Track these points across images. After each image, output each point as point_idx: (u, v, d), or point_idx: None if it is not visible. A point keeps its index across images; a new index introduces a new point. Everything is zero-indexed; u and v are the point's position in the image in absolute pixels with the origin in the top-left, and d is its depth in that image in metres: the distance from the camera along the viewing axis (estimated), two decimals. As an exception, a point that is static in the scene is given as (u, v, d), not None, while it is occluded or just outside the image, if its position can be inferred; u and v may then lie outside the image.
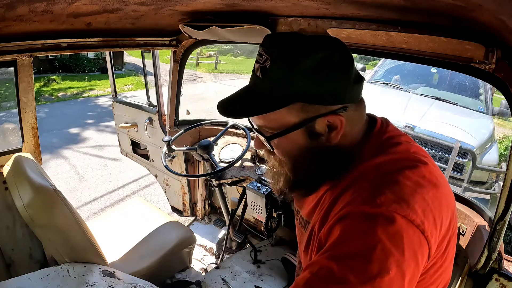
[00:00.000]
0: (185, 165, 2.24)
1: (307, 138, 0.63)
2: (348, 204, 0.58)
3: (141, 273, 1.49)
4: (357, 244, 0.51)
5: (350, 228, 0.54)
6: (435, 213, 0.56)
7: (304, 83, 0.58)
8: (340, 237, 0.54)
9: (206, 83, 11.50)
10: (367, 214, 0.54)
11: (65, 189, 3.55)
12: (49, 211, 1.12)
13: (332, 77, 0.59)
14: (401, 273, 0.50)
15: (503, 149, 4.23)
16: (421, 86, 4.51)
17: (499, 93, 1.45)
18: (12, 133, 1.62)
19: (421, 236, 0.53)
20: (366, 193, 0.57)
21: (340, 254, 0.52)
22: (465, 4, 0.66)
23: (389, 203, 0.53)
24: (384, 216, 0.52)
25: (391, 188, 0.56)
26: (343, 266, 0.50)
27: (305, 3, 0.97)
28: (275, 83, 0.59)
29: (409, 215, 0.53)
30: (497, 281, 1.03)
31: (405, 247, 0.51)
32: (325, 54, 0.58)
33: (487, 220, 1.19)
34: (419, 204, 0.55)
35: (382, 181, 0.58)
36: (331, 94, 0.59)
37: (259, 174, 1.77)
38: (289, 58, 0.58)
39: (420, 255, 0.53)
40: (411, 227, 0.52)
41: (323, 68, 0.58)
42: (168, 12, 1.32)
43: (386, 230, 0.51)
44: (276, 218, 1.60)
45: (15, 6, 0.95)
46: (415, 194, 0.56)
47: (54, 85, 9.15)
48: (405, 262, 0.50)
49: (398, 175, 0.58)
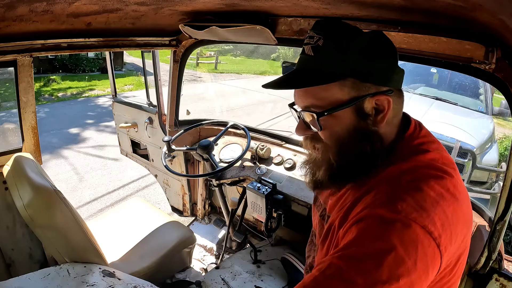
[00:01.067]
0: (185, 165, 2.24)
1: (356, 117, 0.62)
2: (368, 206, 0.58)
3: (141, 273, 1.49)
4: (370, 247, 0.50)
5: (366, 230, 0.54)
6: (453, 228, 0.55)
7: (357, 58, 0.60)
8: (354, 239, 0.53)
9: (206, 83, 11.49)
10: (384, 218, 0.53)
11: (65, 189, 3.55)
12: (49, 211, 1.12)
13: (383, 55, 0.62)
14: (410, 283, 0.49)
15: (503, 149, 4.23)
16: (421, 86, 4.52)
17: (499, 93, 1.45)
18: (12, 133, 1.62)
19: (436, 249, 0.52)
20: (386, 197, 0.57)
21: (351, 255, 0.51)
22: (465, 4, 0.66)
23: (410, 211, 0.52)
24: (402, 223, 0.51)
25: (413, 196, 0.55)
26: (352, 267, 0.49)
27: (305, 3, 0.97)
28: (329, 59, 0.60)
29: (427, 226, 0.52)
30: (497, 281, 1.03)
31: (419, 257, 0.50)
32: (375, 34, 0.62)
33: (487, 220, 1.19)
34: (439, 217, 0.54)
35: (406, 187, 0.57)
36: (381, 72, 0.62)
37: (259, 174, 1.77)
38: (343, 36, 0.60)
39: (431, 268, 0.52)
40: (428, 238, 0.51)
41: (375, 46, 0.61)
42: (168, 12, 1.32)
43: (402, 238, 0.50)
44: (276, 218, 1.60)
45: (15, 6, 0.95)
46: (437, 206, 0.54)
47: (54, 85, 9.15)
48: (415, 272, 0.49)
49: (423, 184, 0.57)
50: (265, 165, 1.85)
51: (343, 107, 0.61)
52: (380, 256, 0.49)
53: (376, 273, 0.48)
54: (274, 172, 1.78)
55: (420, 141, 0.65)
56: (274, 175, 1.76)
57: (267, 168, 1.82)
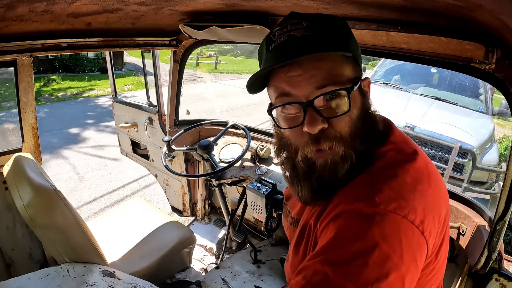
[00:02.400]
0: (185, 165, 2.24)
1: (362, 98, 0.60)
2: (344, 200, 0.55)
3: (141, 273, 1.49)
4: (352, 248, 0.48)
5: (345, 228, 0.51)
6: (435, 210, 0.54)
7: (349, 38, 0.59)
8: (334, 239, 0.51)
9: (206, 83, 11.49)
10: (363, 213, 0.51)
11: (65, 189, 3.55)
12: (49, 211, 1.12)
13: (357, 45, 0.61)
14: (400, 277, 0.47)
15: (503, 149, 4.23)
16: (421, 86, 4.51)
17: (499, 93, 1.45)
18: (12, 133, 1.62)
19: (420, 236, 0.50)
20: (362, 189, 0.54)
21: (335, 258, 0.49)
22: (465, 4, 0.66)
23: (388, 202, 0.50)
24: (382, 216, 0.49)
25: (389, 184, 0.53)
26: (339, 272, 0.47)
27: (305, 3, 0.96)
28: (330, 36, 0.56)
29: (408, 214, 0.50)
30: (497, 281, 1.03)
31: (404, 249, 0.48)
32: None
33: (487, 220, 1.19)
34: (419, 202, 0.52)
35: (380, 175, 0.55)
36: (360, 58, 0.62)
37: (259, 174, 1.77)
38: (326, 20, 0.59)
39: (419, 256, 0.51)
40: (410, 228, 0.50)
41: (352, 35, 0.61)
42: (168, 12, 1.32)
43: (384, 232, 0.48)
44: (276, 218, 1.60)
45: (15, 6, 0.95)
46: (415, 191, 0.53)
47: (54, 85, 9.15)
48: (404, 265, 0.48)
49: (397, 169, 0.55)
50: (265, 165, 1.85)
51: (357, 83, 0.57)
52: (365, 255, 0.47)
53: (364, 274, 0.46)
54: (274, 172, 1.78)
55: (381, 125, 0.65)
56: (274, 175, 1.76)
57: (267, 168, 1.82)
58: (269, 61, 0.58)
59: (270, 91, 0.62)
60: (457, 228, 1.26)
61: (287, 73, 0.56)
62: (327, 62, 0.55)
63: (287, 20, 0.59)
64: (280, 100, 0.59)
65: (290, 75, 0.56)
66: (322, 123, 0.55)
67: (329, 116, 0.56)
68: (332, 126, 0.57)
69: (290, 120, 0.59)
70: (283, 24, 0.58)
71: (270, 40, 0.59)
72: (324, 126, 0.56)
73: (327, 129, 0.56)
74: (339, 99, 0.56)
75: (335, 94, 0.56)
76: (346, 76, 0.57)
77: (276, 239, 1.77)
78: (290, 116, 0.59)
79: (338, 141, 0.57)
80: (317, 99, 0.55)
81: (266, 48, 0.60)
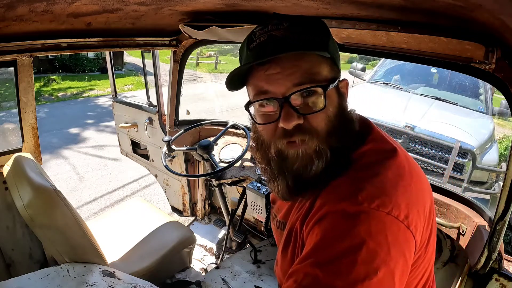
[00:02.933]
0: (185, 165, 2.24)
1: (338, 97, 0.61)
2: (328, 201, 0.56)
3: (141, 273, 1.49)
4: (339, 247, 0.49)
5: (331, 228, 0.52)
6: (419, 205, 0.54)
7: (328, 39, 0.60)
8: (321, 240, 0.51)
9: (206, 83, 11.49)
10: (347, 212, 0.51)
11: (65, 189, 3.55)
12: (49, 211, 1.12)
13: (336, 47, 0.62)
14: (390, 272, 0.48)
15: (503, 149, 4.22)
16: (421, 86, 4.51)
17: (499, 93, 1.45)
18: (12, 133, 1.62)
19: (406, 231, 0.51)
20: (344, 189, 0.55)
21: (323, 259, 0.49)
22: (465, 4, 0.66)
23: (371, 199, 0.51)
24: (366, 214, 0.50)
25: (372, 182, 0.53)
26: (328, 272, 0.47)
27: (305, 3, 0.96)
28: (309, 36, 0.58)
29: (392, 210, 0.50)
30: (497, 281, 1.03)
31: (391, 245, 0.49)
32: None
33: (487, 220, 1.19)
34: (402, 197, 0.53)
35: (362, 174, 0.56)
36: (339, 59, 0.63)
37: (259, 174, 1.77)
38: (306, 21, 0.60)
39: (407, 251, 0.51)
40: (396, 223, 0.50)
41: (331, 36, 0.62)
42: (168, 12, 1.32)
43: (369, 229, 0.49)
44: (276, 218, 1.60)
45: (15, 6, 0.95)
46: (398, 186, 0.54)
47: (54, 85, 9.15)
48: (392, 260, 0.48)
49: (378, 166, 0.56)
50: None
51: (334, 83, 0.59)
52: (352, 253, 0.47)
53: (353, 272, 0.46)
54: (274, 172, 1.78)
55: (359, 125, 0.65)
56: (274, 175, 1.75)
57: (267, 168, 1.82)
58: (249, 59, 0.59)
59: (249, 89, 0.63)
60: (457, 228, 1.26)
61: (266, 71, 0.57)
62: (305, 61, 0.57)
63: (268, 21, 0.60)
64: (257, 97, 0.60)
65: (269, 73, 0.57)
66: (298, 119, 0.57)
67: (305, 113, 0.57)
68: (308, 122, 0.58)
69: (266, 117, 0.60)
70: (264, 24, 0.60)
71: (251, 40, 0.60)
72: (300, 122, 0.57)
73: (302, 124, 0.57)
74: (315, 96, 0.57)
75: (311, 91, 0.57)
76: (324, 76, 0.58)
77: (276, 239, 1.77)
78: (266, 114, 0.60)
79: (311, 135, 0.58)
80: (293, 96, 0.56)
81: (246, 47, 0.61)
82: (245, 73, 0.61)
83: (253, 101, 0.61)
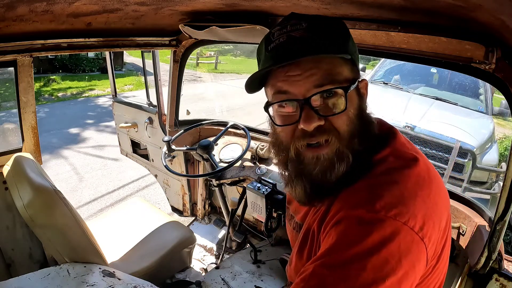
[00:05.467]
0: (185, 165, 2.24)
1: (359, 99, 0.60)
2: (345, 206, 0.56)
3: (141, 273, 1.49)
4: (351, 252, 0.49)
5: (345, 233, 0.52)
6: (435, 215, 0.54)
7: (348, 41, 0.59)
8: (335, 243, 0.52)
9: (206, 83, 11.49)
10: (363, 219, 0.51)
11: (65, 189, 3.55)
12: (49, 211, 1.12)
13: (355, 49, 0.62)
14: (398, 282, 0.48)
15: (503, 149, 4.23)
16: (421, 86, 4.51)
17: (499, 93, 1.45)
18: (12, 133, 1.62)
19: (420, 243, 0.51)
20: (362, 195, 0.55)
21: (334, 262, 0.49)
22: (465, 4, 0.66)
23: (388, 208, 0.51)
24: (382, 222, 0.50)
25: (390, 190, 0.53)
26: (336, 275, 0.48)
27: (305, 3, 0.97)
28: (330, 39, 0.57)
29: (408, 221, 0.50)
30: (497, 281, 1.03)
31: (402, 255, 0.49)
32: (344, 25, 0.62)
33: (487, 220, 1.19)
34: (419, 208, 0.52)
35: (381, 180, 0.55)
36: (358, 59, 0.63)
37: (259, 174, 1.77)
38: (327, 22, 0.59)
39: (417, 262, 0.51)
40: (410, 234, 0.50)
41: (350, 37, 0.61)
42: (168, 12, 1.32)
43: (383, 237, 0.49)
44: (276, 218, 1.60)
45: (15, 6, 0.95)
46: (416, 197, 0.53)
47: (54, 85, 9.15)
48: (401, 270, 0.48)
49: (397, 175, 0.55)
50: (265, 165, 1.85)
51: (354, 84, 0.58)
52: (363, 259, 0.48)
53: (361, 277, 0.46)
54: (274, 172, 1.78)
55: (379, 128, 0.65)
56: (274, 175, 1.76)
57: (267, 168, 1.82)
58: (268, 61, 0.58)
59: (267, 89, 0.62)
60: (457, 228, 1.26)
61: (286, 72, 0.57)
62: (326, 62, 0.56)
63: (286, 21, 0.59)
64: (277, 97, 0.59)
65: (289, 74, 0.56)
66: (318, 120, 0.56)
67: (326, 114, 0.56)
68: (329, 123, 0.57)
69: (286, 118, 0.60)
70: (283, 24, 0.59)
71: (269, 40, 0.59)
72: (321, 123, 0.56)
73: (324, 125, 0.57)
74: (336, 98, 0.56)
75: (331, 92, 0.56)
76: (344, 76, 0.57)
77: (276, 239, 1.77)
78: (286, 115, 0.60)
79: (335, 136, 0.57)
80: (313, 97, 0.56)
81: (265, 48, 0.60)
82: (264, 74, 0.61)
83: (272, 102, 0.60)
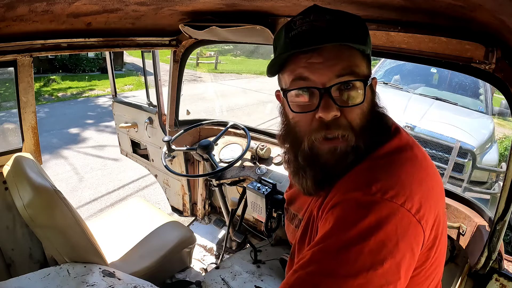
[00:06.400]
0: (185, 165, 2.24)
1: (372, 94, 0.62)
2: (342, 190, 0.56)
3: (141, 273, 1.49)
4: (348, 235, 0.48)
5: (342, 216, 0.52)
6: (431, 200, 0.54)
7: (369, 40, 0.60)
8: (332, 227, 0.51)
9: (206, 83, 11.49)
10: (360, 201, 0.51)
11: (65, 189, 3.55)
12: (49, 211, 1.12)
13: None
14: (396, 265, 0.47)
15: (503, 149, 4.22)
16: (421, 86, 4.51)
17: (499, 93, 1.45)
18: (12, 133, 1.62)
19: (417, 225, 0.51)
20: (360, 178, 0.55)
21: (331, 246, 0.49)
22: (465, 4, 0.66)
23: (385, 190, 0.51)
24: (379, 204, 0.50)
25: (388, 172, 0.53)
26: (334, 259, 0.47)
27: (305, 3, 0.97)
28: (350, 33, 0.57)
29: (405, 203, 0.50)
30: (497, 281, 1.03)
31: (400, 238, 0.48)
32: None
33: (487, 220, 1.19)
34: (417, 190, 0.52)
35: (378, 164, 0.56)
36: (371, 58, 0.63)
37: (259, 174, 1.77)
38: (348, 18, 0.59)
39: (415, 245, 0.51)
40: (407, 216, 0.50)
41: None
42: (168, 12, 1.32)
43: (380, 220, 0.49)
44: (276, 218, 1.60)
45: (15, 6, 0.95)
46: (413, 179, 0.53)
47: (54, 85, 9.15)
48: (399, 253, 0.48)
49: (396, 159, 0.56)
50: (265, 165, 1.85)
51: (370, 79, 0.59)
52: (360, 243, 0.47)
53: (359, 261, 0.46)
54: (274, 172, 1.78)
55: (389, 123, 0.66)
56: (274, 175, 1.76)
57: (267, 168, 1.82)
58: (288, 47, 0.58)
59: (284, 75, 0.62)
60: (457, 228, 1.26)
61: (308, 59, 0.57)
62: (347, 55, 0.57)
63: (309, 11, 0.59)
64: (296, 83, 0.58)
65: (311, 61, 0.56)
66: (336, 110, 0.56)
67: (343, 105, 0.57)
68: (344, 116, 0.57)
69: (301, 107, 0.60)
70: (305, 14, 0.59)
71: (290, 28, 0.59)
72: (337, 114, 0.56)
73: (339, 118, 0.57)
74: (354, 90, 0.57)
75: (351, 85, 0.57)
76: (363, 71, 0.58)
77: (276, 239, 1.77)
78: (302, 103, 0.59)
79: (350, 132, 0.57)
80: (333, 87, 0.56)
81: (285, 35, 0.60)
82: (283, 60, 0.60)
83: (290, 88, 0.59)
